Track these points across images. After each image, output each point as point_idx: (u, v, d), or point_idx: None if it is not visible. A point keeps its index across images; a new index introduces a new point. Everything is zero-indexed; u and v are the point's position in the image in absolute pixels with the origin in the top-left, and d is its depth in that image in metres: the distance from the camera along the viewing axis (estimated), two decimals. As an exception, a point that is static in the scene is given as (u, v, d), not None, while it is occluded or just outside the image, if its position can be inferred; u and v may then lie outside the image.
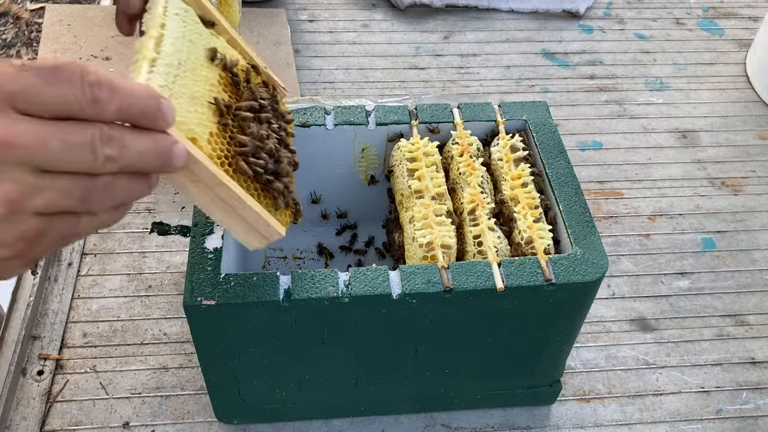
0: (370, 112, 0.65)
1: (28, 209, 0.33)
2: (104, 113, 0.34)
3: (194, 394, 0.66)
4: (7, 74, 0.32)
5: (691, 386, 0.69)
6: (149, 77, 0.44)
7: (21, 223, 0.33)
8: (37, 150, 0.32)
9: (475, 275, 0.53)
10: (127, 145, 0.35)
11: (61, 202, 0.34)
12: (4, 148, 0.31)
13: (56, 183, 0.33)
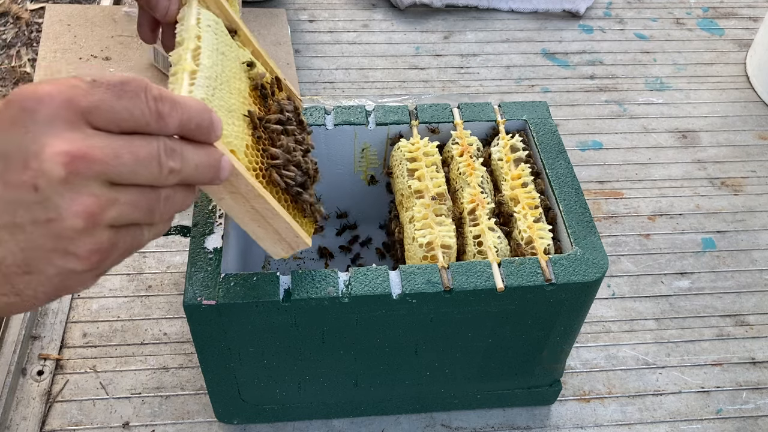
0: (370, 112, 0.65)
1: (103, 222, 0.33)
2: (167, 127, 0.35)
3: (194, 394, 0.66)
4: (80, 89, 0.33)
5: (691, 386, 0.69)
6: (191, 90, 0.45)
7: (96, 237, 0.33)
8: (111, 164, 0.33)
9: (475, 275, 0.53)
10: (186, 158, 0.36)
11: (130, 214, 0.34)
12: (83, 163, 0.32)
13: (126, 196, 0.34)
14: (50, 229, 0.32)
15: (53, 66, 0.86)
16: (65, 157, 0.31)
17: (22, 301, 0.34)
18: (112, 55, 0.88)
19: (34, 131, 0.31)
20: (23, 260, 0.33)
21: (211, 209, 0.56)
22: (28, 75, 1.84)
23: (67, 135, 0.32)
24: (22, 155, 0.31)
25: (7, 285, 0.33)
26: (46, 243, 0.32)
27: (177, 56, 0.47)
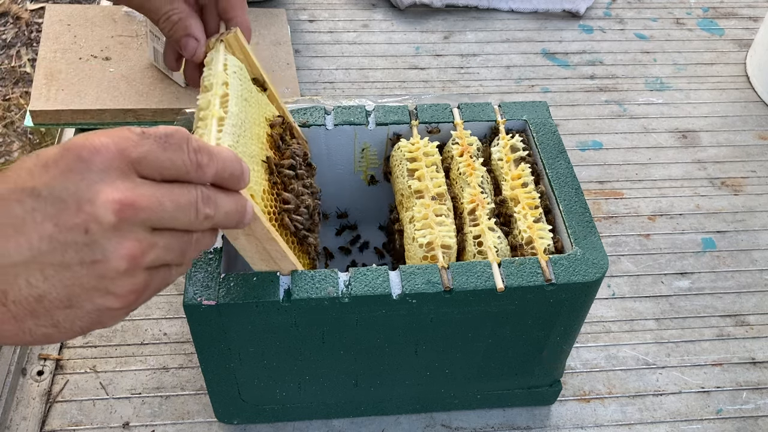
0: (370, 112, 0.65)
1: (143, 265, 0.36)
2: (204, 176, 0.38)
3: (194, 394, 0.66)
4: (131, 141, 0.36)
5: (691, 386, 0.69)
6: (219, 136, 0.48)
7: (134, 278, 0.36)
8: (155, 211, 0.36)
9: (475, 275, 0.53)
10: (219, 205, 0.39)
11: (165, 256, 0.37)
12: (131, 211, 0.35)
13: (163, 240, 0.37)
14: (95, 270, 0.35)
15: (53, 66, 0.86)
16: (116, 205, 0.34)
17: (59, 333, 0.36)
18: (112, 55, 0.88)
19: (89, 179, 0.34)
20: (66, 296, 0.35)
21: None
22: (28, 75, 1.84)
23: (118, 184, 0.35)
24: (77, 200, 0.34)
25: (47, 318, 0.36)
26: (89, 282, 0.35)
27: (206, 101, 0.50)
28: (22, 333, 0.36)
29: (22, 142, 1.71)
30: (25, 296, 0.35)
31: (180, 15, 0.54)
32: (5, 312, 0.35)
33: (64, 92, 0.83)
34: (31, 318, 0.35)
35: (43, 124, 0.83)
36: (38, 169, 0.35)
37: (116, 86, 0.84)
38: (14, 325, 0.35)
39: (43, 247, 0.34)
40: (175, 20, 0.54)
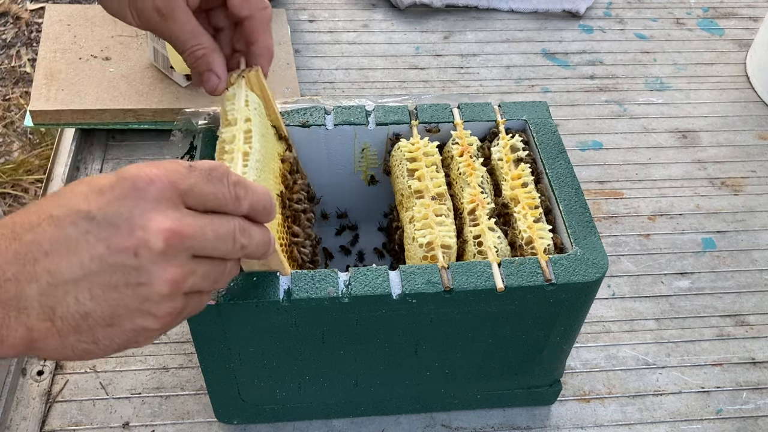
0: (370, 112, 0.65)
1: (183, 290, 0.39)
2: (241, 209, 0.41)
3: (194, 394, 0.66)
4: (180, 174, 0.39)
5: (691, 386, 0.69)
6: (245, 171, 0.51)
7: (174, 302, 0.38)
8: (198, 239, 0.38)
9: (475, 275, 0.53)
10: (252, 236, 0.42)
11: (202, 283, 0.40)
12: (178, 238, 0.37)
13: (202, 267, 0.39)
14: (139, 292, 0.37)
15: (53, 66, 0.86)
16: (166, 233, 0.37)
17: (98, 349, 0.38)
18: (112, 55, 0.88)
19: (142, 207, 0.37)
20: (109, 315, 0.37)
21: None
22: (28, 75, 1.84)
23: (169, 213, 0.37)
24: (129, 225, 0.36)
25: (89, 335, 0.37)
26: (132, 303, 0.37)
27: (231, 135, 0.54)
28: (63, 348, 0.37)
29: (22, 142, 1.71)
30: (72, 313, 0.36)
31: (204, 50, 0.56)
32: (50, 327, 0.36)
33: (64, 92, 0.83)
34: (74, 334, 0.37)
35: (43, 124, 0.83)
36: (93, 194, 0.37)
37: (116, 86, 0.84)
38: (58, 340, 0.37)
39: (93, 267, 0.36)
40: (198, 55, 0.56)
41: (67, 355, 0.38)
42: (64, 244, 0.36)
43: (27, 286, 0.36)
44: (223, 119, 0.56)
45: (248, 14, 0.57)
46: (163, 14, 0.54)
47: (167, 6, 0.54)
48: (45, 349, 0.37)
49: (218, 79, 0.56)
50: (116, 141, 0.87)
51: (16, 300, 0.36)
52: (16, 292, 0.36)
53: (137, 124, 0.84)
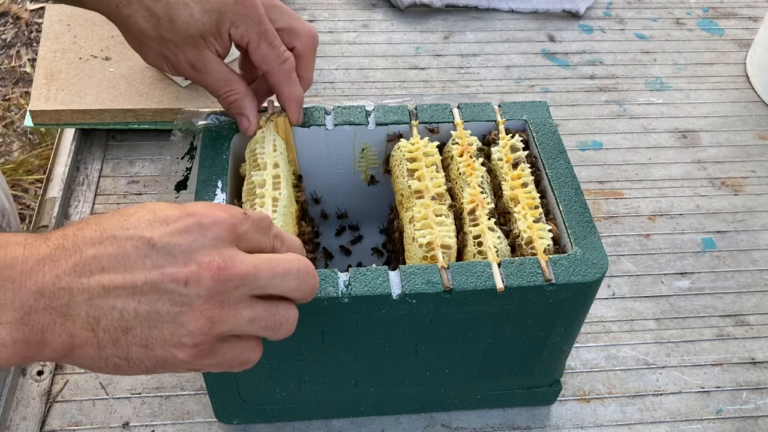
0: (370, 112, 0.65)
1: (217, 329, 0.41)
2: None
3: (194, 394, 0.66)
4: (239, 219, 0.42)
5: (691, 386, 0.69)
6: (275, 217, 0.56)
7: (206, 336, 0.40)
8: (251, 277, 0.41)
9: (475, 275, 0.53)
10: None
11: (248, 327, 0.42)
12: (227, 275, 0.40)
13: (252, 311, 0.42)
14: (177, 319, 0.39)
15: (53, 66, 0.86)
16: (217, 270, 0.39)
17: (128, 367, 0.40)
18: (112, 55, 0.88)
19: (201, 243, 0.40)
20: (146, 337, 0.39)
21: (211, 209, 0.56)
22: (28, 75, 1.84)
23: (224, 251, 0.40)
24: (186, 258, 0.39)
25: (124, 351, 0.39)
26: (168, 329, 0.39)
27: (261, 180, 0.58)
28: (98, 359, 0.39)
29: (22, 142, 1.71)
30: (114, 326, 0.39)
31: (236, 96, 0.60)
32: (92, 338, 0.39)
33: (64, 92, 0.83)
34: (111, 347, 0.39)
35: (43, 124, 0.83)
36: (157, 223, 0.40)
37: (116, 86, 0.84)
38: (95, 350, 0.39)
39: (144, 289, 0.39)
40: (231, 101, 0.60)
41: (100, 366, 0.40)
42: (122, 263, 0.39)
43: (78, 295, 0.38)
44: (251, 161, 0.60)
45: (267, 69, 0.60)
46: (196, 68, 0.59)
47: (199, 60, 0.59)
48: (82, 357, 0.39)
49: (249, 122, 0.61)
50: (116, 141, 0.87)
51: (66, 308, 0.38)
52: (68, 300, 0.38)
53: (137, 124, 0.84)
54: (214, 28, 0.58)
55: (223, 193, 0.57)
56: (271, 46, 0.59)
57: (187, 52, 0.59)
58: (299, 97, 0.62)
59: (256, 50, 0.59)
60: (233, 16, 0.58)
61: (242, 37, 0.59)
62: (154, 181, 0.83)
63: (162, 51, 0.59)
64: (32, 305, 0.37)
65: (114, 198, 0.81)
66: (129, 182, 0.83)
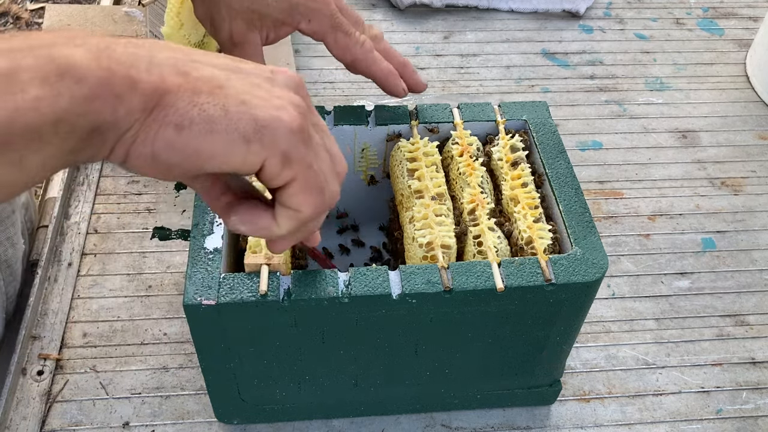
0: (370, 112, 0.65)
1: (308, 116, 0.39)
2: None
3: (194, 394, 0.66)
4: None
5: (691, 386, 0.69)
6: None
7: (301, 104, 0.38)
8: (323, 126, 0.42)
9: (475, 275, 0.53)
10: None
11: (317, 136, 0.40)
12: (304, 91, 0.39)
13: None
14: (272, 89, 0.37)
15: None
16: (295, 79, 0.39)
17: (226, 120, 0.35)
18: (112, 55, 0.88)
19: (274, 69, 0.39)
20: (242, 92, 0.36)
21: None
22: (28, 75, 1.84)
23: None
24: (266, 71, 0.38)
25: (220, 100, 0.35)
26: (263, 91, 0.37)
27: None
28: (191, 107, 0.34)
29: (22, 142, 1.70)
30: (206, 78, 0.35)
31: None
32: (183, 84, 0.34)
33: (64, 92, 0.82)
34: (206, 95, 0.34)
35: (43, 124, 0.82)
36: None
37: (116, 86, 0.84)
38: (189, 97, 0.34)
39: (232, 67, 0.37)
40: None
41: (192, 119, 0.34)
42: (214, 60, 0.37)
43: (159, 53, 0.34)
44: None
45: (352, 58, 0.61)
46: (234, 43, 0.58)
47: (243, 38, 0.58)
48: (174, 107, 0.34)
49: None
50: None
51: (149, 56, 0.34)
52: (149, 49, 0.34)
53: (137, 124, 0.84)
54: (280, 15, 0.57)
55: (223, 193, 0.57)
56: (347, 35, 0.60)
57: (236, 25, 0.57)
58: (390, 70, 0.62)
59: (334, 43, 0.60)
60: (306, 11, 0.58)
61: (316, 32, 0.59)
62: (154, 181, 0.83)
63: (213, 10, 0.58)
64: (109, 43, 0.33)
65: (114, 198, 0.81)
66: (129, 182, 0.83)
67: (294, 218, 0.39)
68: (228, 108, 0.35)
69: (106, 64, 0.32)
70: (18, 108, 0.29)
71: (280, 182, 0.38)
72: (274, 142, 0.36)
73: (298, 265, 0.59)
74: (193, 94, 0.34)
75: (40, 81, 0.30)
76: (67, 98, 0.30)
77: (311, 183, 0.38)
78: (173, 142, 0.34)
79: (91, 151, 0.33)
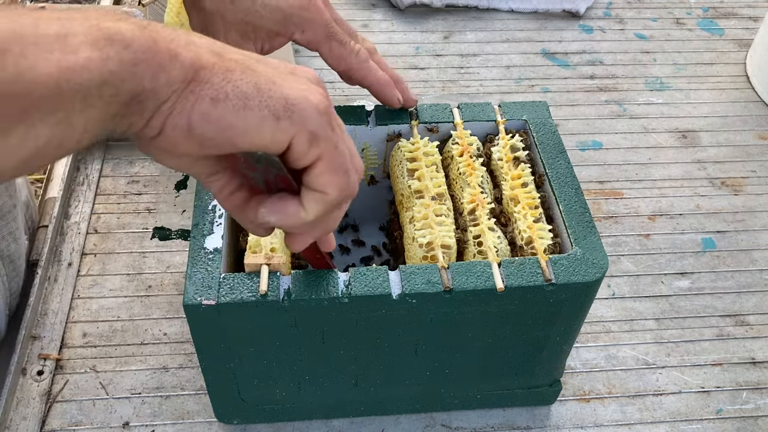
0: (370, 112, 0.65)
1: (330, 104, 0.40)
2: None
3: (194, 394, 0.66)
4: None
5: (691, 386, 0.69)
6: None
7: (325, 91, 0.40)
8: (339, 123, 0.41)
9: (475, 275, 0.53)
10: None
11: (340, 129, 0.41)
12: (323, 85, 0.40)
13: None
14: (298, 76, 0.39)
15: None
16: (316, 76, 0.40)
17: (258, 96, 0.36)
18: (112, 55, 0.88)
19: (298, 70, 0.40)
20: (272, 77, 0.37)
21: (211, 209, 0.56)
22: (28, 75, 1.84)
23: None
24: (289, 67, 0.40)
25: (252, 77, 0.37)
26: (291, 78, 0.38)
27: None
28: (225, 83, 0.36)
29: (22, 142, 1.70)
30: (238, 59, 0.37)
31: None
32: (218, 63, 0.36)
33: (64, 92, 0.82)
34: (240, 73, 0.36)
35: (43, 124, 0.82)
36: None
37: (116, 86, 0.84)
38: (223, 74, 0.36)
39: (258, 58, 0.39)
40: None
41: (226, 94, 0.36)
42: (241, 51, 0.38)
43: (194, 36, 0.36)
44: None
45: (346, 67, 0.60)
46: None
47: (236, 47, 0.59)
48: (209, 82, 0.35)
49: None
50: (116, 141, 0.87)
51: (186, 37, 0.36)
52: (186, 34, 0.36)
53: (137, 124, 0.84)
54: (275, 26, 0.58)
55: (223, 193, 0.57)
56: (342, 44, 0.60)
57: (231, 37, 0.58)
58: (387, 79, 0.62)
59: (329, 52, 0.60)
60: (300, 21, 0.58)
61: (310, 42, 0.59)
62: (154, 181, 0.83)
63: (207, 22, 0.58)
64: (150, 23, 0.35)
65: (114, 198, 0.81)
66: (129, 182, 0.83)
67: (321, 201, 0.40)
68: (260, 86, 0.36)
69: (150, 35, 0.34)
70: (70, 67, 0.31)
71: (307, 161, 0.38)
72: (302, 121, 0.37)
73: (298, 265, 0.59)
74: (226, 71, 0.36)
75: (91, 45, 0.32)
76: (116, 62, 0.32)
77: (337, 163, 0.39)
78: (209, 115, 0.35)
79: (129, 120, 0.34)
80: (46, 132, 0.31)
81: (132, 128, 0.35)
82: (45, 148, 0.32)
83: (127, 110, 0.34)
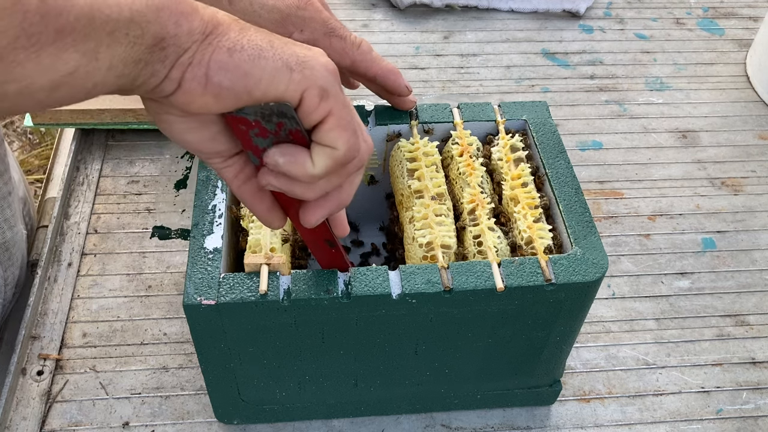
0: (370, 111, 0.65)
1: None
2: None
3: (194, 394, 0.66)
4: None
5: (691, 386, 0.69)
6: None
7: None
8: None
9: (475, 275, 0.53)
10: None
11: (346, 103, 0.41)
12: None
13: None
14: (307, 47, 0.40)
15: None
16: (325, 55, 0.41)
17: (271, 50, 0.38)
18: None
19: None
20: (284, 42, 0.39)
21: (211, 209, 0.56)
22: (28, 75, 1.84)
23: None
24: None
25: (266, 36, 0.39)
26: (300, 47, 0.39)
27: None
28: (240, 38, 0.38)
29: (22, 142, 1.71)
30: (250, 26, 0.39)
31: None
32: (234, 22, 0.39)
33: (64, 92, 0.82)
34: (254, 32, 0.39)
35: (43, 124, 0.83)
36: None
37: (116, 86, 0.84)
38: (237, 31, 0.38)
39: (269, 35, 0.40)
40: None
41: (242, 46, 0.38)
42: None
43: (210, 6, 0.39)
44: None
45: (350, 61, 0.61)
46: None
47: None
48: (226, 35, 0.37)
49: None
50: (116, 141, 0.87)
51: (203, 3, 0.38)
52: (203, 2, 0.38)
53: (137, 124, 0.84)
54: (273, 26, 0.58)
55: (223, 193, 0.57)
56: (342, 39, 0.60)
57: None
58: (393, 67, 0.62)
59: (330, 48, 0.59)
60: (298, 21, 0.58)
61: (309, 40, 0.59)
62: (154, 181, 0.83)
63: None
64: None
65: (114, 198, 0.81)
66: (129, 182, 0.83)
67: (329, 156, 0.41)
68: (273, 42, 0.38)
69: None
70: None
71: (318, 116, 0.39)
72: (313, 76, 0.38)
73: (298, 265, 0.59)
74: (242, 29, 0.38)
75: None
76: (143, 3, 0.35)
77: (345, 119, 0.40)
78: (226, 63, 0.37)
79: (152, 68, 0.36)
80: (75, 58, 0.33)
81: (153, 80, 0.36)
82: (72, 76, 0.34)
83: (151, 56, 0.36)
